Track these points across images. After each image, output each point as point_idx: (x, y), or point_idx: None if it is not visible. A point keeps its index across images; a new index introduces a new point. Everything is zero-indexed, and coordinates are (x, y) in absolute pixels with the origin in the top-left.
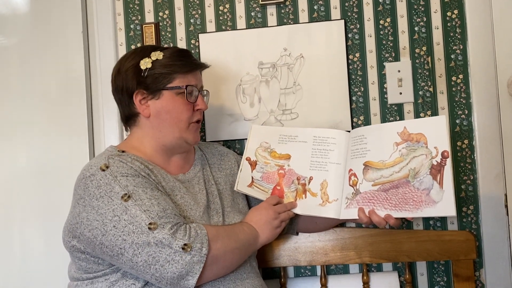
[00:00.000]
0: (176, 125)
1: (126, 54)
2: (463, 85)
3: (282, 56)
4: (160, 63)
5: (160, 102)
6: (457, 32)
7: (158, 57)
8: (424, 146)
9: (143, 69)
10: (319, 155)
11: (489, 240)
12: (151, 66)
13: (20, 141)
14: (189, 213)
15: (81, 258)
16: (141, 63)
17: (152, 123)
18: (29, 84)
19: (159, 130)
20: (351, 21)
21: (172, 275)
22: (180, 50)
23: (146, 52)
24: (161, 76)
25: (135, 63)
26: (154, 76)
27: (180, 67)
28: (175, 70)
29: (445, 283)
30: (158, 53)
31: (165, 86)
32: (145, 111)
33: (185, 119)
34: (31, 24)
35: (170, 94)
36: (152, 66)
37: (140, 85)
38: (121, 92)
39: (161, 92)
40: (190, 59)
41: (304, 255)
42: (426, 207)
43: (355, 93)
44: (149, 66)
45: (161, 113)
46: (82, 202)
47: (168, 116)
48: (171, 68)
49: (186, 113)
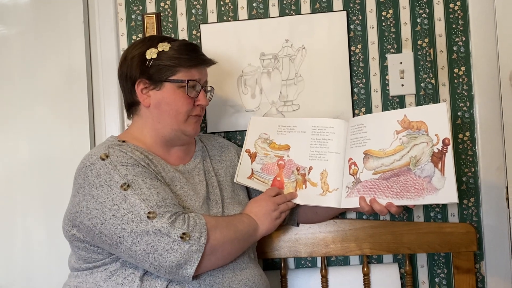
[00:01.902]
0: (174, 117)
1: (135, 42)
2: (465, 77)
3: (284, 47)
4: (166, 55)
5: (161, 93)
6: (459, 24)
7: (164, 49)
8: (425, 133)
9: (148, 59)
10: (318, 145)
11: (490, 233)
12: (156, 56)
13: (21, 131)
14: (188, 204)
15: (80, 248)
16: (147, 53)
17: (152, 113)
18: (30, 74)
19: (158, 121)
20: (353, 12)
21: (171, 264)
22: (188, 44)
23: (154, 42)
24: (165, 68)
25: (141, 52)
26: (158, 67)
27: (185, 61)
28: (180, 63)
29: (446, 275)
30: (165, 45)
31: (167, 78)
32: (146, 101)
33: (183, 112)
34: (32, 14)
35: (171, 86)
36: (157, 57)
37: (143, 74)
38: (125, 79)
39: (163, 83)
40: (197, 54)
41: (305, 247)
42: (428, 194)
43: (357, 85)
44: (154, 57)
45: (161, 104)
46: (82, 191)
47: (167, 107)
48: (176, 61)
49: (186, 107)
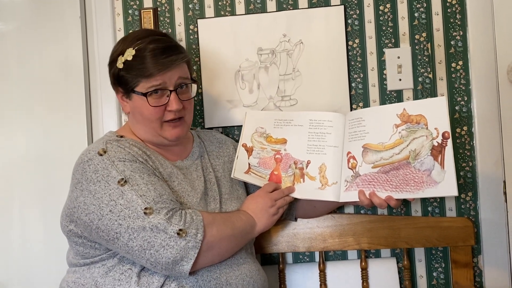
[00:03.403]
0: (148, 125)
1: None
2: (462, 72)
3: (281, 42)
4: (128, 65)
5: (132, 103)
6: (457, 18)
7: (127, 58)
8: (424, 127)
9: (118, 68)
10: (316, 138)
11: (488, 227)
12: (122, 66)
13: (18, 127)
14: (186, 200)
15: (78, 243)
16: (118, 61)
17: (132, 119)
18: (27, 70)
19: (139, 127)
20: (351, 7)
21: (167, 260)
22: (151, 49)
23: (124, 46)
24: (129, 79)
25: (113, 59)
26: (124, 78)
27: (143, 71)
28: (139, 73)
29: (443, 269)
30: (129, 52)
31: (132, 89)
32: (125, 108)
33: (154, 119)
34: (29, 9)
35: (137, 96)
36: (123, 66)
37: (116, 83)
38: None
39: (131, 94)
40: (157, 59)
41: (303, 241)
42: (428, 187)
43: (355, 80)
44: (121, 67)
45: (134, 113)
46: (79, 187)
47: (140, 117)
48: (135, 71)
49: (155, 115)
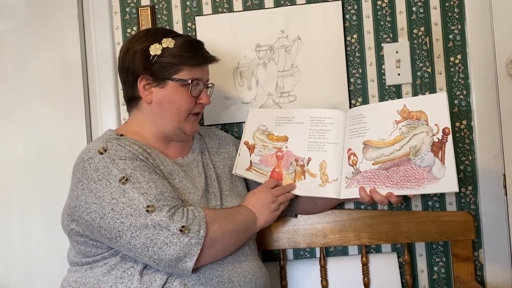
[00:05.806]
0: (176, 116)
1: (137, 34)
2: (461, 66)
3: (280, 38)
4: (169, 52)
5: (164, 91)
6: (455, 12)
7: (169, 45)
8: (424, 123)
9: (152, 55)
10: (316, 135)
11: (488, 220)
12: (160, 53)
13: (17, 127)
14: (187, 197)
15: (80, 242)
16: (151, 49)
17: (153, 109)
18: (25, 69)
19: (160, 118)
20: (349, 2)
21: (170, 257)
22: (192, 41)
23: (158, 37)
24: (169, 66)
25: (145, 47)
26: (162, 65)
27: (189, 59)
28: (184, 61)
29: (444, 263)
30: (169, 41)
31: (171, 76)
32: (148, 97)
33: (185, 110)
34: (26, 9)
35: (174, 84)
36: (161, 53)
37: (146, 70)
38: (126, 72)
39: (166, 81)
40: (201, 52)
41: (303, 237)
42: (428, 184)
43: (353, 75)
44: (159, 53)
45: (163, 102)
46: (80, 185)
47: (169, 106)
48: (180, 59)
49: (188, 105)
